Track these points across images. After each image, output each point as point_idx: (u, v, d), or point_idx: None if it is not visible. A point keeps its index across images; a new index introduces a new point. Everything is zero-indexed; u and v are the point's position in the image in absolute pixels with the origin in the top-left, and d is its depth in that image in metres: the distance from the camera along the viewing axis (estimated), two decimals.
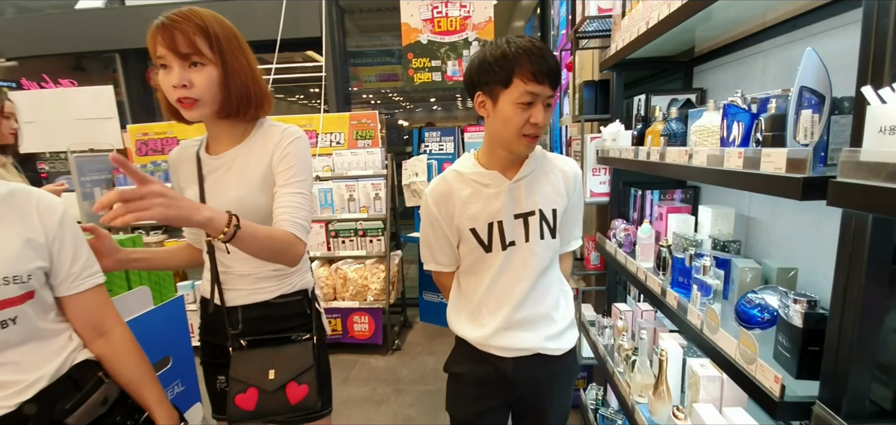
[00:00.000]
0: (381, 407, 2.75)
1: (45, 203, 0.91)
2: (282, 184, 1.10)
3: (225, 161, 1.14)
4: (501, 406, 1.27)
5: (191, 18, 0.99)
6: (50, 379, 0.89)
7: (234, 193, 1.10)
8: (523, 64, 1.00)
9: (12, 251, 0.84)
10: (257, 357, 1.17)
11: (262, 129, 1.16)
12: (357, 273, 3.46)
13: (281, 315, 1.21)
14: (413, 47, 3.93)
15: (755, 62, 1.42)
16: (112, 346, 1.01)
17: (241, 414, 1.14)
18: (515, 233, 1.15)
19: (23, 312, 0.85)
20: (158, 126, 3.83)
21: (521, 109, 1.03)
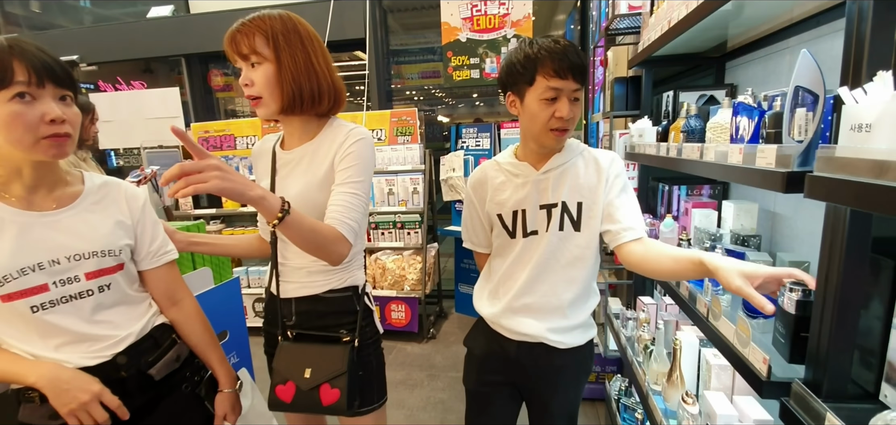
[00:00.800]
0: (415, 391, 2.90)
1: (131, 192, 1.10)
2: (338, 182, 1.12)
3: (295, 157, 1.19)
4: (508, 385, 1.33)
5: (254, 21, 1.06)
6: (136, 336, 1.05)
7: (297, 188, 1.15)
8: (545, 62, 1.05)
9: (107, 229, 1.02)
10: (299, 353, 1.20)
11: (331, 128, 1.18)
12: (395, 263, 3.63)
13: (329, 310, 1.23)
14: (452, 45, 4.03)
15: (783, 58, 1.42)
16: (183, 313, 1.17)
17: (280, 404, 1.19)
18: (538, 222, 1.20)
19: (115, 280, 1.03)
20: (218, 124, 4.17)
21: (546, 105, 1.08)
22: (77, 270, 0.96)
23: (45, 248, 0.93)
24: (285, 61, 1.07)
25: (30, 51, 0.85)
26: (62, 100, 0.91)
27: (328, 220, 1.08)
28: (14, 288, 0.90)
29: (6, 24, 5.99)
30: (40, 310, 0.93)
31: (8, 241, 0.90)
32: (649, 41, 1.64)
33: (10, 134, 0.83)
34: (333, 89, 1.15)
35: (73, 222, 0.98)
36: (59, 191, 0.99)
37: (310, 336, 1.23)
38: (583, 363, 1.30)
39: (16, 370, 0.92)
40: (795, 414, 0.69)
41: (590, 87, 3.34)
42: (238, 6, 4.07)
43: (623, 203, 1.17)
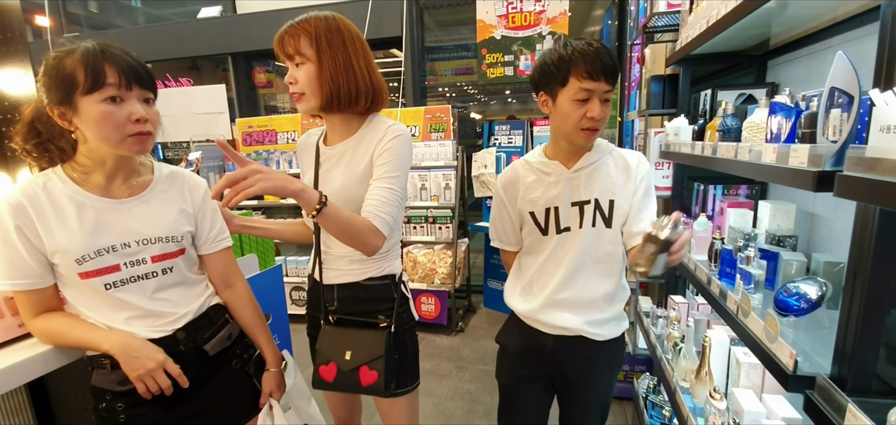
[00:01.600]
0: (443, 381, 2.98)
1: (193, 182, 1.19)
2: (375, 177, 1.17)
3: (336, 152, 1.25)
4: (544, 379, 1.37)
5: (301, 24, 1.13)
6: (194, 314, 1.14)
7: (338, 183, 1.21)
8: (578, 64, 1.09)
9: (171, 217, 1.10)
10: (340, 336, 1.28)
11: (371, 125, 1.23)
12: (426, 257, 3.72)
13: (368, 297, 1.29)
14: (487, 43, 4.06)
15: (826, 57, 1.40)
16: (236, 295, 1.25)
17: (323, 383, 1.27)
18: (570, 219, 1.24)
19: (177, 264, 1.11)
20: (260, 119, 4.37)
21: (577, 105, 1.13)
22: (144, 253, 1.06)
23: (118, 232, 1.03)
24: (325, 62, 1.12)
25: (119, 56, 0.95)
26: (145, 101, 1.01)
27: (364, 213, 1.14)
28: (91, 267, 0.99)
29: (68, 23, 6.45)
30: (112, 287, 1.03)
31: (88, 225, 1.00)
32: (688, 39, 1.64)
33: (101, 131, 0.94)
34: (372, 89, 1.20)
35: (142, 209, 1.07)
36: (132, 181, 1.09)
37: (350, 321, 1.30)
38: (617, 354, 1.34)
39: (92, 338, 1.01)
40: (819, 406, 0.72)
41: (625, 85, 3.31)
42: (282, 6, 4.27)
43: (645, 205, 1.23)
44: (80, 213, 1.00)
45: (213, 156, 4.25)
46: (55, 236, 0.98)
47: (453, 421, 2.58)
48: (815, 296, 1.00)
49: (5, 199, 0.96)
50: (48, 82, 0.92)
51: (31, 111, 0.99)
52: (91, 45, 0.93)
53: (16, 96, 1.44)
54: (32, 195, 0.97)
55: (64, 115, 0.94)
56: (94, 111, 0.92)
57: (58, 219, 0.98)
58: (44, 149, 1.00)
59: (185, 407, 1.11)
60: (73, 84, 0.91)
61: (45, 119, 0.97)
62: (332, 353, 1.26)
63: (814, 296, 1.00)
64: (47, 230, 0.97)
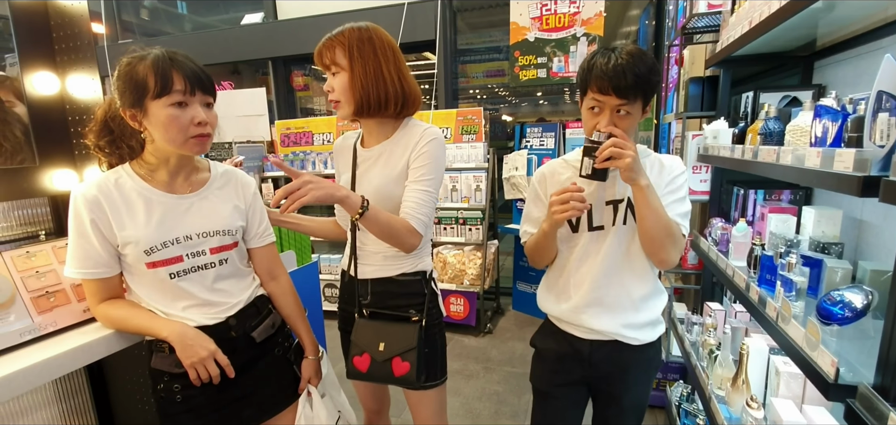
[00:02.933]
0: (471, 381, 3.00)
1: (244, 180, 1.28)
2: (412, 179, 1.25)
3: (373, 154, 1.33)
4: (579, 383, 1.37)
5: (336, 37, 1.22)
6: (244, 303, 1.22)
7: (376, 182, 1.29)
8: (593, 77, 1.13)
9: (227, 212, 1.19)
10: (374, 328, 1.34)
11: (406, 129, 1.31)
12: (456, 258, 3.75)
13: (401, 292, 1.35)
14: (520, 45, 4.05)
15: (876, 58, 1.34)
16: (279, 287, 1.33)
17: (357, 372, 1.34)
18: (604, 217, 1.25)
19: (231, 256, 1.20)
20: (298, 122, 4.53)
21: (591, 114, 1.17)
22: (204, 245, 1.14)
23: (182, 226, 1.11)
24: (357, 71, 1.21)
25: (184, 63, 1.03)
26: (207, 105, 1.08)
27: (402, 214, 1.23)
28: (158, 257, 1.08)
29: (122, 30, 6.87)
30: (177, 277, 1.11)
31: (155, 219, 1.08)
32: (730, 40, 1.60)
33: (167, 133, 1.02)
34: (402, 95, 1.26)
35: (202, 205, 1.16)
36: (193, 178, 1.17)
37: (383, 314, 1.36)
38: (654, 359, 1.34)
39: (153, 325, 1.10)
40: (859, 415, 0.70)
41: (663, 87, 3.24)
42: (321, 12, 4.41)
43: (678, 200, 1.23)
44: (148, 208, 1.08)
45: (253, 158, 4.44)
46: (126, 229, 1.06)
47: (480, 421, 2.60)
48: (861, 304, 0.97)
49: (82, 195, 1.04)
50: (122, 86, 1.01)
51: (104, 111, 1.09)
52: (161, 53, 1.01)
53: (84, 100, 1.57)
54: (107, 191, 1.05)
55: (134, 117, 1.03)
56: (162, 114, 1.01)
57: (129, 213, 1.07)
58: (115, 146, 1.10)
59: (234, 391, 1.19)
60: (145, 89, 0.99)
61: (117, 119, 1.07)
62: (367, 344, 1.32)
63: (859, 305, 0.97)
64: (119, 223, 1.05)
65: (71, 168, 1.59)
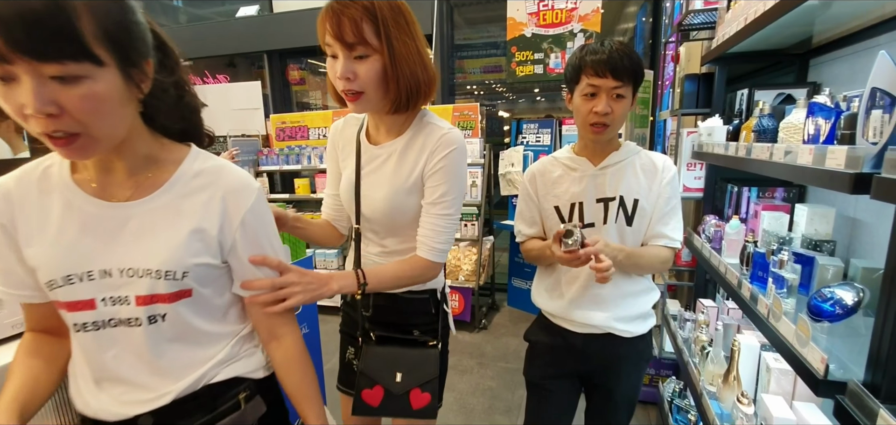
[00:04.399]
0: (465, 376, 3.01)
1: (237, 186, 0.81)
2: (429, 201, 1.06)
3: (382, 153, 1.11)
4: (572, 375, 1.39)
5: (360, 4, 0.91)
6: (182, 392, 0.79)
7: (383, 191, 1.09)
8: (587, 62, 1.15)
9: (176, 241, 0.76)
10: (386, 356, 1.16)
11: (420, 126, 1.09)
12: (451, 253, 3.75)
13: (406, 309, 1.20)
14: (517, 41, 4.05)
15: (871, 56, 1.33)
16: (282, 353, 0.90)
17: (367, 408, 1.14)
18: (595, 215, 1.26)
19: (173, 311, 0.76)
20: (293, 116, 4.51)
21: (586, 100, 1.18)
22: (127, 290, 0.72)
23: (102, 253, 0.72)
24: (400, 53, 0.95)
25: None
26: (60, 79, 0.58)
27: (419, 241, 1.08)
28: (61, 297, 0.72)
29: None
30: (82, 330, 0.73)
31: (68, 236, 0.71)
32: (725, 37, 1.60)
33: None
34: (428, 82, 1.04)
35: (141, 221, 0.74)
36: (145, 175, 0.75)
37: (393, 338, 1.21)
38: (644, 351, 1.36)
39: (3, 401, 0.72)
40: (849, 411, 0.70)
41: (659, 84, 3.24)
42: (317, 4, 4.37)
43: (672, 209, 1.26)
44: (63, 216, 0.72)
45: (248, 151, 4.41)
46: (32, 245, 0.72)
47: (474, 416, 2.61)
48: (851, 301, 0.97)
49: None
50: None
51: None
52: None
53: None
54: (25, 185, 0.73)
55: None
56: None
57: (40, 221, 0.72)
58: None
59: None
60: None
61: None
62: (380, 375, 1.15)
63: (849, 302, 0.97)
64: (27, 236, 0.72)
65: None
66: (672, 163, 1.29)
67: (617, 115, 1.18)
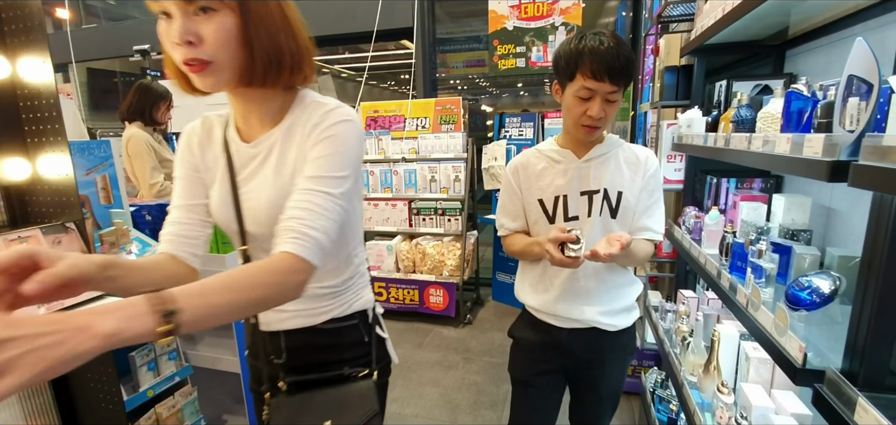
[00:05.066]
0: (450, 372, 2.99)
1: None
2: (306, 175, 0.79)
3: (260, 150, 0.86)
4: (557, 371, 1.39)
5: None
6: None
7: (266, 196, 0.84)
8: (585, 61, 1.10)
9: None
10: (307, 404, 0.92)
11: (302, 106, 0.86)
12: (435, 249, 3.72)
13: (332, 344, 0.97)
14: (499, 34, 4.03)
15: (847, 46, 1.35)
16: None
17: None
18: (579, 208, 1.25)
19: None
20: None
21: (579, 101, 1.14)
22: None
23: None
24: (255, 10, 0.74)
25: None
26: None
27: (280, 234, 0.74)
28: None
29: (87, 15, 6.56)
30: None
31: None
32: (703, 28, 1.60)
33: None
34: (297, 50, 0.82)
35: None
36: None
37: (309, 381, 0.95)
38: (628, 344, 1.36)
39: None
40: (827, 400, 0.70)
41: (640, 77, 3.26)
42: None
43: (655, 201, 1.25)
44: None
45: None
46: None
47: (459, 411, 2.60)
48: (828, 290, 0.98)
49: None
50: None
51: None
52: None
53: (36, 84, 1.47)
54: None
55: None
56: None
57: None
58: None
59: None
60: None
61: None
62: None
63: (826, 290, 0.98)
64: None
65: (23, 157, 1.49)
66: (654, 155, 1.28)
67: (609, 118, 1.16)
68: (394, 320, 3.83)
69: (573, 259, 1.08)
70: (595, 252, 1.06)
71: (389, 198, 3.83)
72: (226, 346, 2.12)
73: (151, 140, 2.66)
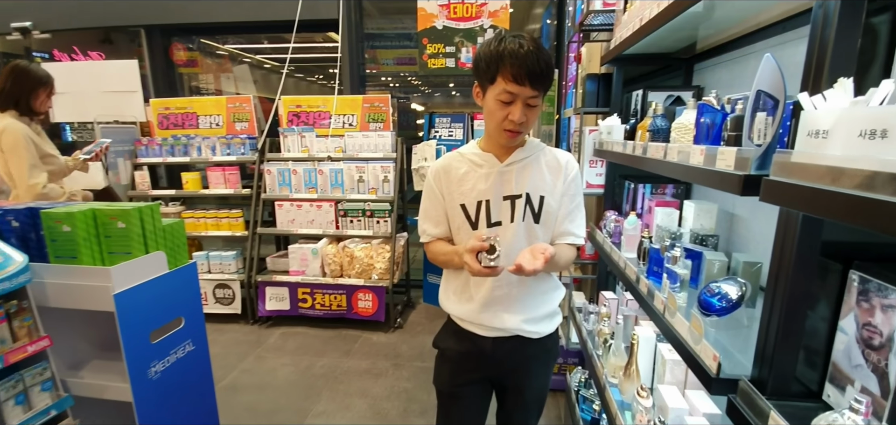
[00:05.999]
0: (379, 380, 2.88)
1: None
2: None
3: None
4: (482, 380, 1.36)
5: None
6: None
7: None
8: (506, 64, 1.08)
9: None
10: None
11: None
12: (363, 252, 3.58)
13: None
14: (428, 32, 3.98)
15: (749, 62, 1.45)
16: None
17: None
18: (501, 213, 1.23)
19: None
20: (179, 101, 3.98)
21: (501, 105, 1.12)
22: None
23: None
24: None
25: None
26: None
27: None
28: None
29: None
30: None
31: None
32: (621, 39, 1.65)
33: None
34: None
35: None
36: None
37: None
38: (552, 349, 1.36)
39: None
40: (741, 412, 0.71)
41: (563, 83, 3.37)
42: None
43: (577, 206, 1.26)
44: None
45: (123, 140, 3.81)
46: None
47: (389, 421, 2.50)
48: (736, 295, 1.02)
49: None
50: None
51: None
52: None
53: None
54: None
55: None
56: None
57: None
58: None
59: None
60: None
61: None
62: None
63: (734, 296, 1.02)
64: None
65: None
66: (575, 160, 1.29)
67: (531, 122, 1.16)
68: (320, 327, 3.63)
69: (491, 269, 1.06)
70: (520, 266, 1.04)
71: (314, 199, 3.62)
72: (115, 371, 1.84)
73: (30, 132, 2.25)
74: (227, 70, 5.39)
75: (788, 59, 1.24)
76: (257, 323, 3.74)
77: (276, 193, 3.67)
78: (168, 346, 1.89)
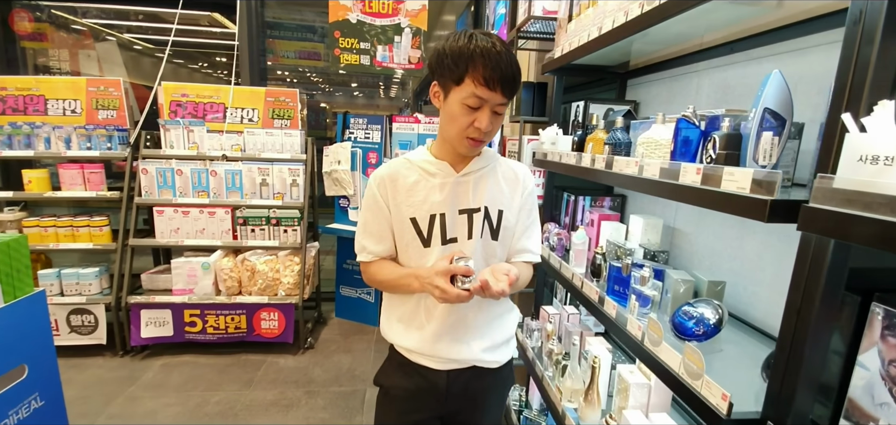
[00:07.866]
0: (290, 412, 2.52)
1: None
2: None
3: None
4: (433, 419, 1.20)
5: None
6: None
7: None
8: (477, 65, 0.95)
9: None
10: None
11: None
12: (268, 265, 3.15)
13: None
14: (341, 25, 3.68)
15: (690, 81, 1.49)
16: None
17: None
18: (457, 229, 1.09)
19: None
20: (22, 80, 3.13)
21: (467, 110, 0.99)
22: None
23: None
24: None
25: None
26: None
27: None
28: None
29: None
30: None
31: None
32: (571, 48, 1.60)
33: None
34: None
35: None
36: None
37: None
38: (508, 378, 1.27)
39: None
40: None
41: None
42: None
43: (533, 221, 1.19)
44: None
45: None
46: None
47: None
48: (714, 319, 0.99)
49: None
50: None
51: None
52: None
53: None
54: None
55: None
56: None
57: None
58: None
59: None
60: None
61: None
62: None
63: (713, 320, 0.99)
64: None
65: None
66: (530, 172, 1.19)
67: (495, 131, 1.04)
68: (214, 355, 3.11)
69: (468, 292, 0.96)
70: (486, 283, 0.94)
71: (205, 205, 3.09)
72: None
73: None
74: (87, 47, 4.45)
75: (733, 82, 1.28)
76: (129, 354, 3.09)
77: (154, 197, 3.07)
78: (4, 407, 1.43)
